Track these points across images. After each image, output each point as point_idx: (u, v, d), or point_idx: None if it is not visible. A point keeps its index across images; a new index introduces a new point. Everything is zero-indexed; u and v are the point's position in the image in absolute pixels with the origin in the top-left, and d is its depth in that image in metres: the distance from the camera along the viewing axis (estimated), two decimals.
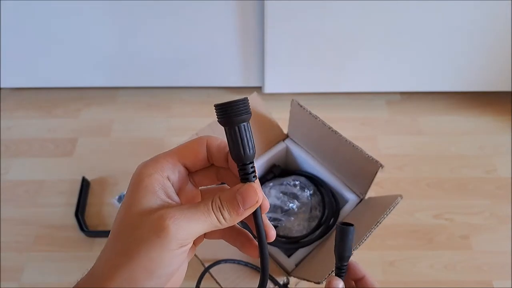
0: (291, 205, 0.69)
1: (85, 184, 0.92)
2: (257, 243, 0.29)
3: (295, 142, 0.74)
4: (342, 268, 0.36)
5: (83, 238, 0.85)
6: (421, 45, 0.93)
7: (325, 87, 1.06)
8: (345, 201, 0.69)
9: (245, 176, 0.27)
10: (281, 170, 0.75)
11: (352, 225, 0.35)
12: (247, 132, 0.27)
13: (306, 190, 0.71)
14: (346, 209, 0.68)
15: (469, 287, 0.78)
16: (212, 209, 0.26)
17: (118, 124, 1.06)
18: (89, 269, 0.26)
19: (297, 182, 0.72)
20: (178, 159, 0.28)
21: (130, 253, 0.24)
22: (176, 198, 0.27)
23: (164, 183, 0.26)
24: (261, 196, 0.27)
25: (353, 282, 0.37)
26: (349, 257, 0.35)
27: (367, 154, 0.61)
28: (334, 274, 0.36)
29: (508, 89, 1.02)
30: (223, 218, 0.26)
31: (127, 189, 0.27)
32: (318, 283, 0.51)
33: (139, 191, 0.26)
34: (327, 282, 0.35)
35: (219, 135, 0.29)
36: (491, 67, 0.98)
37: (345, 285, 0.36)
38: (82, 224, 0.85)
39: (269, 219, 0.68)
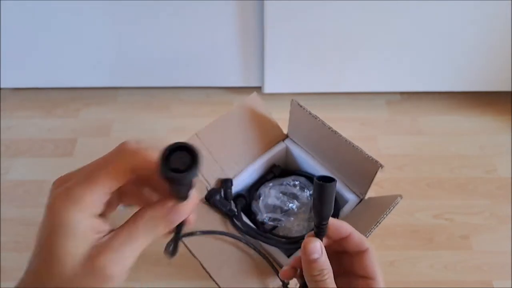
0: (290, 205, 0.69)
1: None
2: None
3: (295, 142, 0.74)
4: (321, 228, 0.33)
5: None
6: (421, 45, 0.93)
7: (325, 87, 1.06)
8: (345, 201, 0.69)
9: (179, 195, 0.25)
10: (281, 170, 0.75)
11: (332, 180, 0.31)
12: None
13: (306, 190, 0.71)
14: (346, 209, 0.68)
15: (469, 287, 0.79)
16: (148, 230, 0.25)
17: (118, 124, 1.06)
18: None
19: (297, 182, 0.71)
20: (104, 191, 0.24)
21: None
22: (106, 227, 0.25)
23: (94, 225, 0.24)
24: (192, 211, 0.26)
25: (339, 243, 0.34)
26: (329, 215, 0.32)
27: (367, 154, 0.61)
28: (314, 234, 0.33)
29: (508, 89, 1.02)
30: (158, 234, 0.25)
31: (43, 231, 0.24)
32: None
33: (68, 244, 0.23)
34: (304, 243, 0.33)
35: (220, 135, 0.28)
36: (491, 67, 0.98)
37: (328, 245, 0.34)
38: None
39: (268, 219, 0.68)
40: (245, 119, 0.70)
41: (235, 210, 0.67)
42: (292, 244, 0.65)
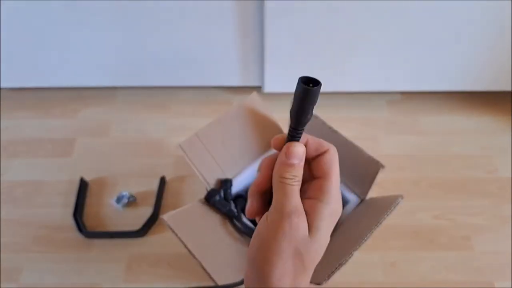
0: None
1: (83, 185, 0.91)
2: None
3: None
4: (297, 134, 0.31)
5: (82, 239, 0.85)
6: (421, 45, 0.93)
7: (325, 87, 1.04)
8: (346, 201, 0.68)
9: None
10: None
11: (318, 83, 0.29)
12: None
13: None
14: (347, 210, 0.67)
15: None
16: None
17: (117, 124, 1.06)
18: None
19: None
20: None
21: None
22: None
23: None
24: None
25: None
26: (307, 121, 0.30)
27: (368, 155, 0.60)
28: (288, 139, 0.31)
29: (508, 89, 1.02)
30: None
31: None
32: (319, 284, 0.51)
33: None
34: (286, 145, 0.31)
35: (219, 135, 0.28)
36: (491, 67, 0.97)
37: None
38: (80, 225, 0.85)
39: None
40: (245, 118, 0.70)
41: (235, 210, 0.66)
42: None
